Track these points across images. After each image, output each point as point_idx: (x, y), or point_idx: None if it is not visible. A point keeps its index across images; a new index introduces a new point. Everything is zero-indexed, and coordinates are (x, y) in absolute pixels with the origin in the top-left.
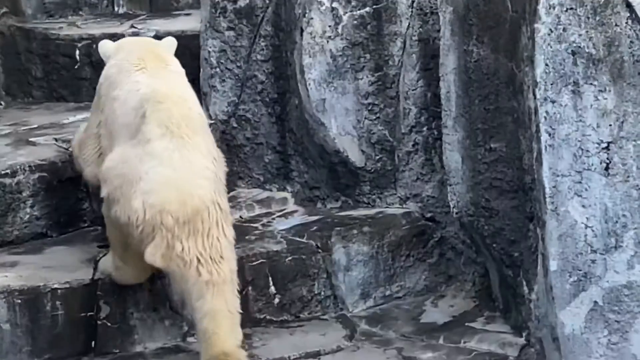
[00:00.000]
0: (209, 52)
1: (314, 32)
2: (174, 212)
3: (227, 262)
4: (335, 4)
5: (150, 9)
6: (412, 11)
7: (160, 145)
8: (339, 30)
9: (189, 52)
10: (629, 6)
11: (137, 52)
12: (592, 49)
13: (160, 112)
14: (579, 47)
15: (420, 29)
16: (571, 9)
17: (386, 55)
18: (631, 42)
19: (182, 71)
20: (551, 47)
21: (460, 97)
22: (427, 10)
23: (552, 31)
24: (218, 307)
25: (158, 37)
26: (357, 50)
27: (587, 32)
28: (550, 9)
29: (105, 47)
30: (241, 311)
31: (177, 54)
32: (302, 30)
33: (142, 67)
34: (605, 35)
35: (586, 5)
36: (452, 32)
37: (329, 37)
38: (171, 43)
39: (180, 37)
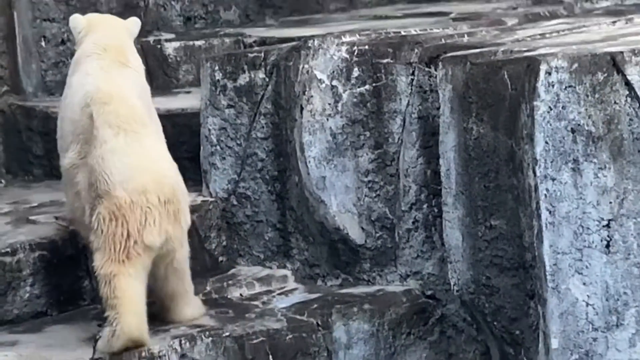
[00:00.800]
0: (209, 129)
1: (314, 109)
2: (155, 191)
3: (184, 247)
4: (335, 82)
5: (150, 87)
6: (411, 89)
7: (117, 142)
8: (339, 108)
9: (188, 130)
10: (628, 84)
11: (102, 41)
12: (591, 126)
13: (109, 115)
14: (579, 124)
15: (420, 107)
16: (570, 86)
17: (386, 133)
18: (630, 119)
19: (141, 68)
20: (551, 124)
21: (460, 175)
22: (427, 88)
23: (551, 109)
24: (178, 289)
25: (159, 114)
26: (357, 127)
27: (586, 109)
28: (549, 86)
29: (75, 21)
30: None
31: (178, 132)
32: (302, 108)
33: (101, 58)
34: (604, 113)
35: (585, 83)
36: (452, 109)
37: (329, 114)
38: (135, 24)
39: (180, 115)
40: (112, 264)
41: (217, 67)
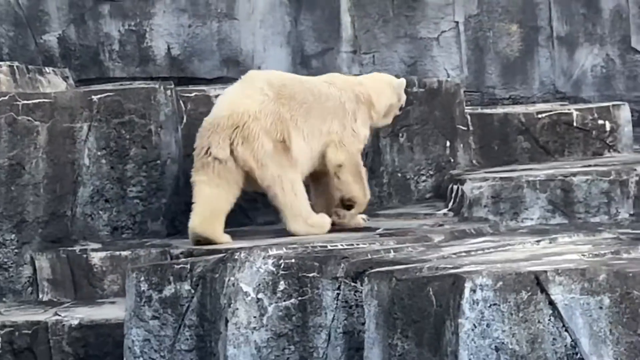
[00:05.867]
0: (133, 341)
1: (239, 322)
2: (225, 117)
3: (268, 168)
4: (260, 295)
5: (75, 296)
6: (337, 303)
7: (231, 88)
8: (264, 321)
9: (112, 341)
10: (552, 303)
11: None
12: (515, 345)
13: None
14: (503, 343)
15: (345, 322)
16: (495, 304)
17: (311, 348)
18: (554, 339)
19: (345, 89)
20: (475, 342)
21: None
22: (352, 303)
23: (475, 326)
24: (276, 204)
25: (81, 324)
26: (282, 341)
27: (510, 328)
28: (474, 304)
29: None
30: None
31: (102, 343)
32: (227, 321)
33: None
34: (528, 331)
35: (509, 302)
36: (377, 325)
37: (254, 327)
38: (400, 84)
39: (104, 325)
40: (195, 173)
41: (142, 278)
